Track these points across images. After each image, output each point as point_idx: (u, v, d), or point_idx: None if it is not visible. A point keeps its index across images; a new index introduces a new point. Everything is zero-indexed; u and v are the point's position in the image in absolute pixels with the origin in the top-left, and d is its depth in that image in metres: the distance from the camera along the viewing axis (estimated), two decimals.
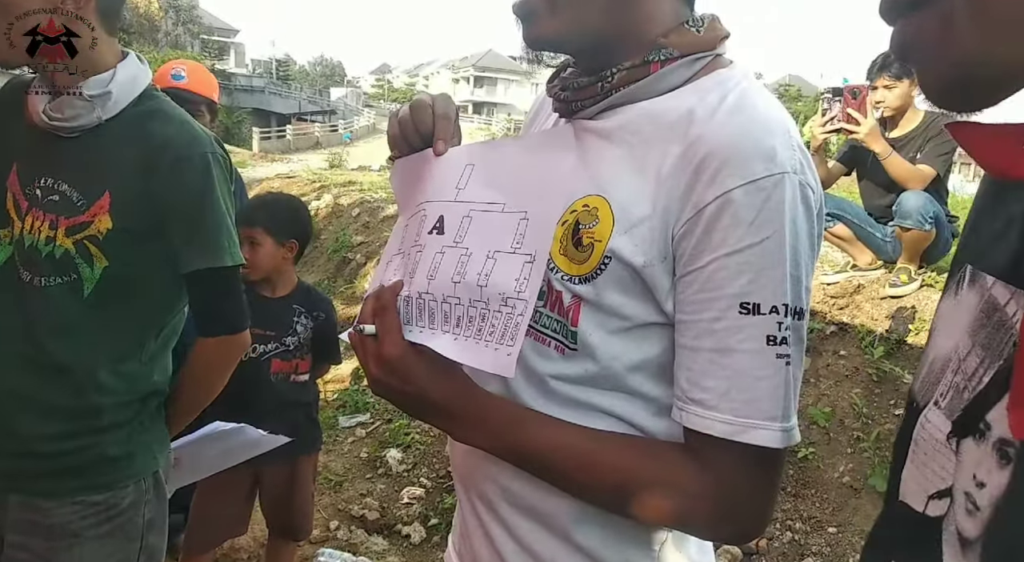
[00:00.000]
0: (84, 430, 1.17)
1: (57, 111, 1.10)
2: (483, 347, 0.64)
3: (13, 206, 1.14)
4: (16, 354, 1.14)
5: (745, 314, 0.62)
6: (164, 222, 1.15)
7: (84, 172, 1.13)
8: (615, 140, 0.70)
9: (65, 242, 1.11)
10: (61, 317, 1.14)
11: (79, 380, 1.16)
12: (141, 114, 1.15)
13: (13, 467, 1.17)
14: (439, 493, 3.11)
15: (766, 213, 0.61)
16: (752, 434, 0.62)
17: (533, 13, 0.71)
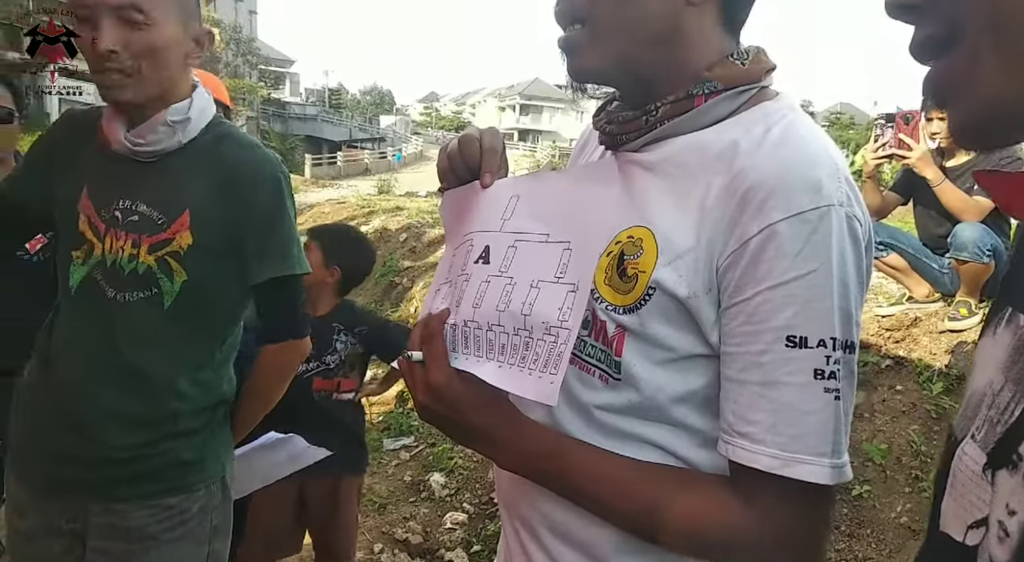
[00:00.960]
0: (163, 436, 1.23)
1: (140, 137, 1.16)
2: (526, 375, 0.64)
3: (89, 228, 1.19)
4: (100, 366, 1.19)
5: (792, 347, 0.61)
6: (239, 237, 1.22)
7: (163, 193, 1.19)
8: (660, 172, 0.71)
9: (148, 259, 1.17)
10: (143, 329, 1.19)
11: (160, 389, 1.22)
12: (214, 139, 1.23)
13: (95, 475, 1.22)
14: (482, 519, 3.10)
15: (812, 246, 0.61)
16: (799, 469, 0.61)
17: (576, 47, 0.72)
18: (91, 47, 1.06)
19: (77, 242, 1.19)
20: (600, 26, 0.70)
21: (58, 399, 1.20)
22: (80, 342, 1.20)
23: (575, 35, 0.72)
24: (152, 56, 1.09)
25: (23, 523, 1.26)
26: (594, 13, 0.70)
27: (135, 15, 1.06)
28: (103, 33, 1.05)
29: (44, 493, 1.24)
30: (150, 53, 1.09)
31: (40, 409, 1.23)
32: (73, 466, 1.21)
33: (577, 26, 0.72)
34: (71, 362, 1.21)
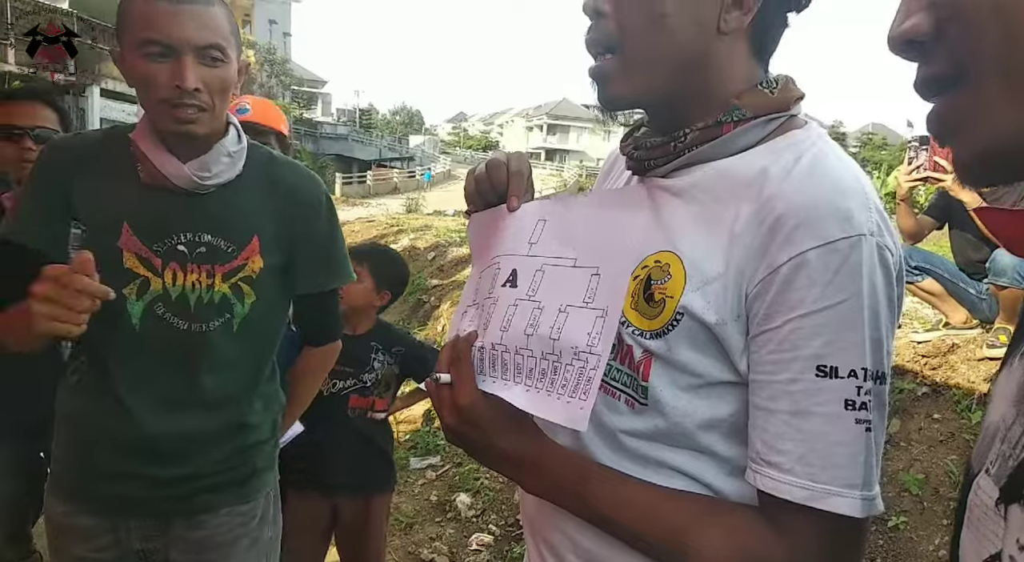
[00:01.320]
0: (241, 449, 1.29)
1: (205, 169, 1.16)
2: (555, 399, 0.64)
3: (140, 263, 1.18)
4: (180, 395, 1.22)
5: (822, 377, 0.61)
6: (297, 253, 1.28)
7: (227, 221, 1.21)
8: (687, 198, 0.72)
9: (222, 287, 1.21)
10: (219, 354, 1.23)
11: (237, 408, 1.28)
12: (260, 162, 1.26)
13: (179, 493, 1.26)
14: (508, 542, 3.08)
15: (842, 275, 0.61)
16: (830, 501, 0.61)
17: (608, 76, 0.73)
18: (170, 84, 1.07)
19: (125, 279, 1.17)
20: (631, 56, 0.71)
21: (133, 430, 1.21)
22: (154, 375, 1.21)
23: (607, 65, 0.73)
24: (225, 91, 1.13)
25: (84, 548, 1.26)
26: (625, 43, 0.71)
27: (217, 54, 1.09)
28: (189, 71, 1.06)
29: (118, 518, 1.25)
30: (224, 89, 1.13)
31: (110, 439, 1.22)
32: (157, 488, 1.24)
33: (608, 55, 0.72)
34: (146, 395, 1.21)
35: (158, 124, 1.13)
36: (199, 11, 1.08)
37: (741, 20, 0.70)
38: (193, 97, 1.08)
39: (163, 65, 1.07)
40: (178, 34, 1.06)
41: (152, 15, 1.06)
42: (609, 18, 0.71)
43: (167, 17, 1.05)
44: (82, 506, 1.26)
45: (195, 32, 1.07)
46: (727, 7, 0.69)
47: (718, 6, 0.69)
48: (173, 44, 1.06)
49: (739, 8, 0.70)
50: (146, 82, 1.08)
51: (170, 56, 1.06)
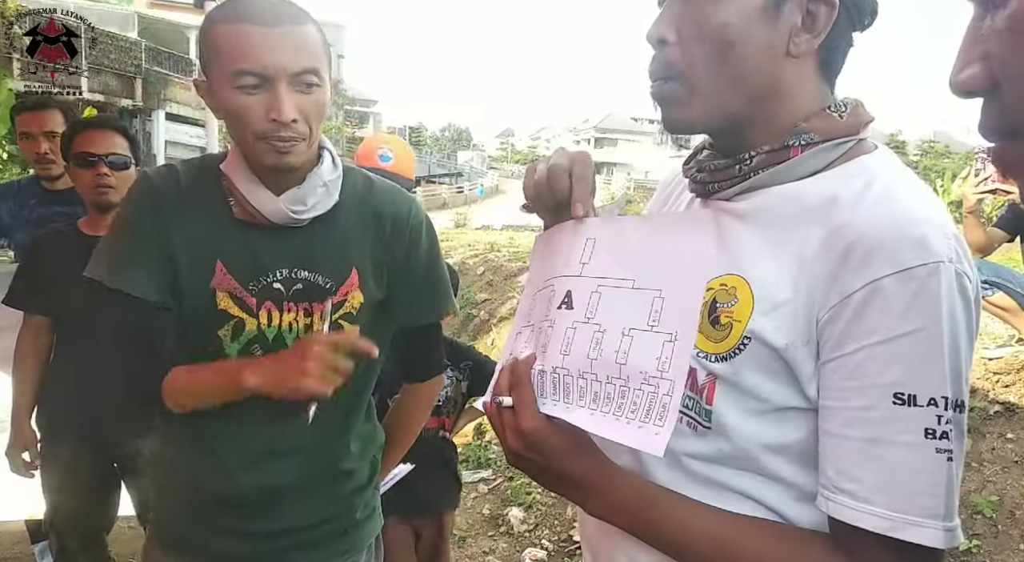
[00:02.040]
0: (338, 496, 1.21)
1: (300, 203, 1.07)
2: (625, 424, 0.63)
3: (234, 304, 1.09)
4: (271, 447, 1.14)
5: (900, 405, 0.60)
6: (399, 284, 1.19)
7: (324, 256, 1.12)
8: (753, 222, 0.71)
9: (322, 325, 1.09)
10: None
11: (330, 456, 1.19)
12: (357, 189, 1.17)
13: (272, 548, 1.18)
14: (561, 557, 3.06)
15: (920, 303, 0.60)
16: (911, 532, 0.59)
17: (673, 101, 0.72)
18: (266, 117, 0.98)
19: (219, 321, 1.09)
20: (697, 85, 0.70)
21: (223, 481, 1.14)
22: (247, 423, 1.11)
23: (671, 89, 0.72)
24: (321, 117, 1.04)
25: None
26: (691, 73, 0.70)
27: (312, 78, 0.99)
28: (286, 103, 0.96)
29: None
30: (320, 114, 1.03)
31: (199, 491, 1.17)
32: (250, 542, 1.17)
33: (672, 81, 0.72)
34: (236, 444, 1.14)
35: (252, 159, 1.04)
36: (292, 32, 0.97)
37: (811, 43, 0.69)
38: (290, 129, 0.98)
39: (256, 96, 0.97)
40: (272, 61, 0.95)
41: (243, 43, 0.95)
42: (674, 46, 0.71)
43: (259, 43, 0.95)
44: (180, 557, 1.20)
45: (289, 57, 0.96)
46: (796, 31, 0.69)
47: (787, 30, 0.69)
48: (267, 74, 0.96)
49: (809, 31, 0.69)
50: (239, 115, 0.99)
51: (264, 87, 0.97)
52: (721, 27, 0.68)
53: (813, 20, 0.69)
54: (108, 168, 1.86)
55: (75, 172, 1.91)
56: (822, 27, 0.69)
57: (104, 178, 1.86)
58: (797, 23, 0.69)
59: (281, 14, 0.98)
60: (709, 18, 0.69)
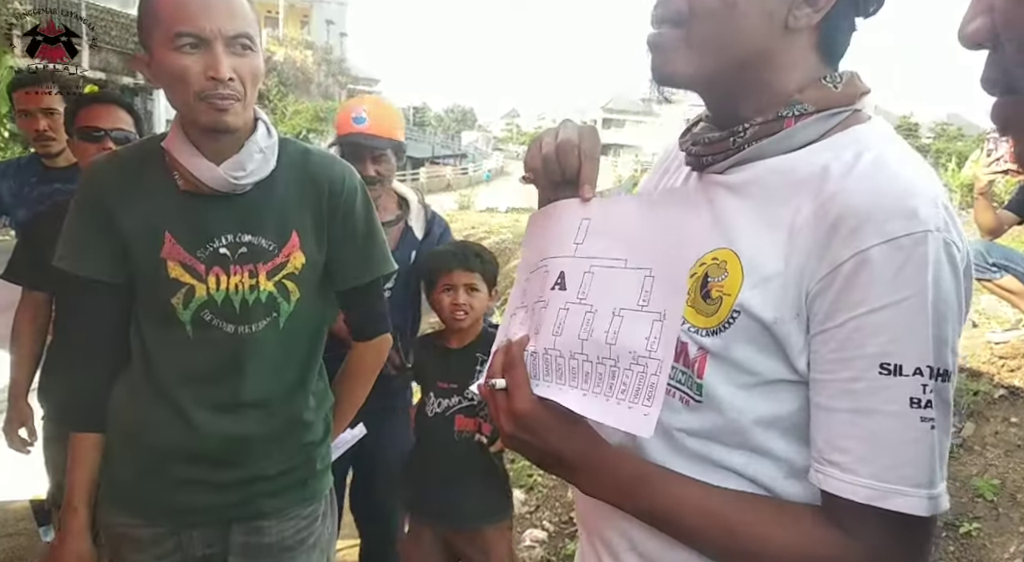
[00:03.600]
0: (299, 448, 1.29)
1: (240, 168, 1.14)
2: (615, 405, 0.64)
3: (185, 272, 1.16)
4: (234, 399, 1.21)
5: (886, 375, 0.60)
6: (338, 246, 1.27)
7: (265, 219, 1.19)
8: (745, 194, 0.71)
9: (268, 285, 1.19)
10: (268, 355, 1.22)
11: (290, 407, 1.27)
12: (294, 157, 1.24)
13: (239, 497, 1.24)
14: (561, 538, 3.08)
15: (907, 272, 0.60)
16: (896, 500, 0.60)
17: (667, 49, 0.72)
18: (204, 75, 1.06)
19: (172, 290, 1.16)
20: (696, 34, 0.70)
21: (190, 437, 1.20)
22: (208, 380, 1.21)
23: (668, 35, 0.72)
24: (255, 80, 1.12)
25: (146, 556, 1.25)
26: (692, 21, 0.70)
27: (246, 42, 1.08)
28: (223, 60, 1.05)
29: (177, 525, 1.25)
30: (255, 78, 1.11)
31: (170, 448, 1.21)
32: (217, 494, 1.23)
33: (672, 29, 0.71)
34: (202, 400, 1.20)
35: (193, 119, 1.11)
36: (227, 2, 1.07)
37: (811, 18, 0.69)
38: (227, 86, 1.07)
39: (195, 56, 1.05)
40: (208, 24, 1.04)
41: (183, 8, 1.05)
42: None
43: (197, 8, 1.05)
44: (144, 516, 1.25)
45: (224, 21, 1.06)
46: (798, 3, 0.68)
47: (789, 1, 0.68)
48: (205, 35, 1.04)
49: (811, 5, 0.69)
50: (180, 76, 1.06)
51: (201, 47, 1.05)
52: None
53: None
54: (113, 143, 1.85)
55: (79, 146, 1.89)
56: (824, 3, 0.68)
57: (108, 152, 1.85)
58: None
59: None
60: None
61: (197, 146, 1.14)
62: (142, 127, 1.99)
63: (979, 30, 0.37)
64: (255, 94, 1.14)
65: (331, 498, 1.40)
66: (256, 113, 1.19)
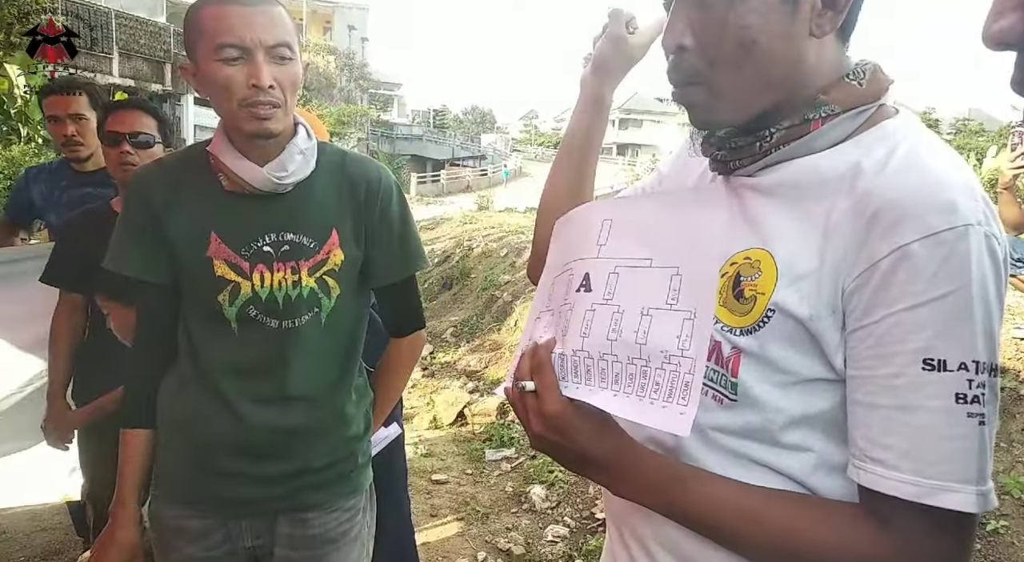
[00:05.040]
0: (342, 441, 1.33)
1: (282, 170, 1.19)
2: (648, 404, 0.63)
3: (230, 269, 1.21)
4: (275, 393, 1.25)
5: (929, 370, 0.59)
6: (374, 243, 1.30)
7: (307, 218, 1.24)
8: (776, 196, 0.71)
9: (309, 282, 1.23)
10: (311, 349, 1.26)
11: (333, 401, 1.31)
12: (334, 160, 1.29)
13: (286, 490, 1.28)
14: (583, 534, 3.10)
15: (949, 267, 0.59)
16: (943, 497, 0.59)
17: (700, 107, 0.73)
18: (247, 84, 1.11)
19: (218, 287, 1.21)
20: (724, 86, 0.70)
21: (238, 430, 1.24)
22: (254, 374, 1.25)
23: (695, 94, 0.72)
24: (295, 88, 1.17)
25: (197, 548, 1.29)
26: (715, 77, 0.70)
27: (285, 51, 1.13)
28: (263, 70, 1.10)
29: (225, 517, 1.29)
30: (294, 85, 1.16)
31: (220, 441, 1.26)
32: (265, 487, 1.27)
33: (695, 86, 0.71)
34: (249, 394, 1.25)
35: (237, 127, 1.16)
36: (267, 11, 1.12)
37: (835, 20, 0.68)
38: (268, 94, 1.12)
39: (237, 67, 1.10)
40: (250, 35, 1.09)
41: (225, 21, 1.09)
42: (693, 52, 0.70)
43: (238, 20, 1.09)
44: (194, 508, 1.29)
45: (265, 31, 1.10)
46: (818, 12, 0.68)
47: (808, 14, 0.68)
48: (246, 45, 1.09)
49: (832, 9, 0.68)
50: (224, 85, 1.11)
51: (243, 57, 1.10)
52: (742, 29, 0.67)
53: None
54: (131, 146, 1.90)
55: (104, 150, 1.96)
56: (844, 3, 0.68)
57: (127, 155, 1.90)
58: (817, 4, 0.67)
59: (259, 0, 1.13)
60: (729, 21, 0.67)
61: (241, 150, 1.19)
62: (166, 131, 2.04)
63: (1008, 28, 0.35)
64: (295, 100, 1.19)
65: (371, 493, 1.43)
66: (296, 117, 1.25)
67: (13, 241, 2.68)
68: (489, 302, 6.96)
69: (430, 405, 4.92)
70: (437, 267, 8.71)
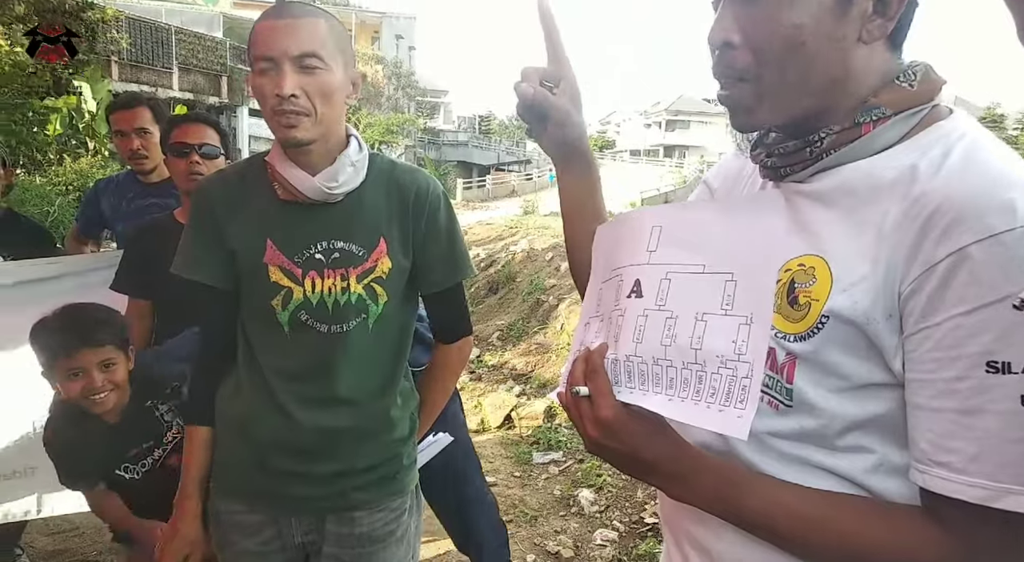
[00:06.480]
0: (387, 444, 1.36)
1: (333, 180, 1.24)
2: (705, 408, 0.63)
3: (284, 275, 1.26)
4: (323, 396, 1.30)
5: (994, 373, 0.59)
6: (422, 252, 1.34)
7: (356, 227, 1.28)
8: (829, 201, 0.70)
9: (357, 288, 1.28)
10: (358, 353, 1.30)
11: (378, 404, 1.34)
12: (383, 170, 1.33)
13: (333, 489, 1.33)
14: (632, 538, 3.08)
15: (1010, 268, 0.58)
16: (1011, 500, 0.58)
17: (744, 107, 0.73)
18: (273, 93, 1.15)
19: (272, 292, 1.26)
20: (770, 86, 0.70)
21: (287, 430, 1.29)
22: (304, 376, 1.30)
23: (741, 92, 0.72)
24: (326, 97, 1.18)
25: (251, 542, 1.35)
26: (761, 74, 0.70)
27: (312, 61, 1.15)
28: (285, 79, 1.13)
29: (277, 514, 1.34)
30: (324, 94, 1.18)
31: (266, 441, 1.31)
32: (313, 486, 1.32)
33: (741, 83, 0.71)
34: (300, 396, 1.29)
35: (274, 135, 1.21)
36: (296, 23, 1.15)
37: (885, 27, 0.68)
38: (291, 103, 1.15)
39: (268, 77, 1.15)
40: (276, 46, 1.14)
41: (259, 34, 1.16)
42: (741, 49, 0.70)
43: (268, 33, 1.15)
44: (248, 504, 1.34)
45: (291, 42, 1.14)
46: (868, 18, 0.67)
47: (859, 18, 0.67)
48: (274, 56, 1.14)
49: (882, 15, 0.67)
50: (258, 95, 1.17)
51: (273, 69, 1.15)
52: (792, 27, 0.67)
53: (885, 4, 0.67)
54: (200, 157, 1.99)
55: (171, 162, 2.04)
56: (895, 9, 0.67)
57: (196, 166, 1.99)
58: (868, 10, 0.67)
59: (292, 11, 1.17)
60: (779, 19, 0.67)
61: (294, 160, 1.24)
62: (227, 142, 2.12)
63: None
64: (330, 109, 1.20)
65: (416, 494, 1.46)
66: (348, 129, 1.29)
67: (83, 250, 2.82)
68: (535, 306, 6.98)
69: (477, 408, 4.96)
70: (483, 271, 8.77)
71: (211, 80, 17.68)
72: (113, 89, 11.41)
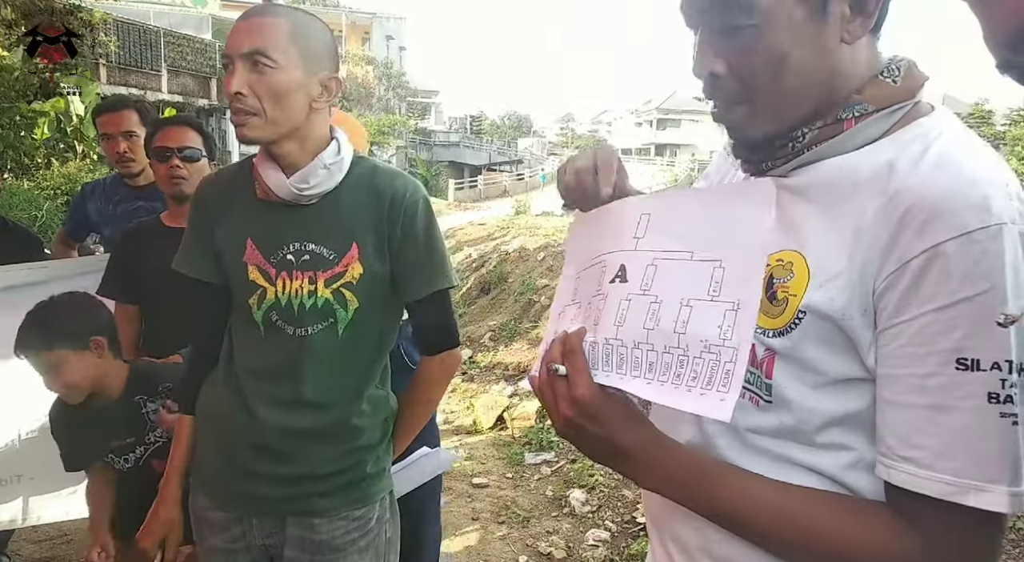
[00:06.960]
0: (351, 451, 1.34)
1: (304, 182, 1.23)
2: (685, 391, 0.63)
3: (260, 275, 1.27)
4: (288, 397, 1.29)
5: (963, 370, 0.59)
6: (398, 259, 1.30)
7: (329, 230, 1.26)
8: (808, 196, 0.70)
9: (325, 292, 1.26)
10: (323, 357, 1.28)
11: (343, 409, 1.32)
12: (364, 173, 1.30)
13: (293, 492, 1.31)
14: (624, 538, 3.08)
15: (982, 266, 0.58)
16: (976, 496, 0.59)
17: (741, 126, 0.74)
18: (226, 92, 1.16)
19: (250, 291, 1.28)
20: (763, 105, 0.71)
21: (252, 429, 1.29)
22: (268, 377, 1.30)
23: (736, 116, 0.73)
24: (277, 96, 1.15)
25: (219, 539, 1.36)
26: (753, 97, 0.71)
27: (260, 59, 1.13)
28: (231, 77, 1.14)
29: (241, 513, 1.34)
30: (274, 93, 1.15)
31: (233, 439, 1.31)
32: (274, 487, 1.31)
33: (736, 106, 0.72)
34: (264, 395, 1.29)
35: None
36: (252, 22, 1.15)
37: (866, 24, 0.68)
38: (237, 101, 1.14)
39: (228, 75, 1.16)
40: (231, 44, 1.15)
41: (229, 34, 1.18)
42: (726, 78, 0.71)
43: (232, 32, 1.16)
44: (217, 501, 1.36)
45: (242, 41, 1.14)
46: (847, 19, 0.68)
47: (839, 22, 0.68)
48: (230, 53, 1.15)
49: (861, 14, 0.68)
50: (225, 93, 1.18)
51: (230, 67, 1.16)
52: (772, 51, 0.68)
53: (862, 4, 0.68)
54: (180, 160, 1.98)
55: (154, 165, 2.04)
56: (873, 8, 0.68)
57: (177, 169, 1.98)
58: (846, 12, 0.67)
59: (260, 11, 1.17)
60: (760, 47, 0.68)
61: (275, 160, 1.25)
62: (211, 145, 2.10)
63: None
64: (282, 110, 1.17)
65: (390, 502, 1.42)
66: (333, 132, 1.29)
67: (71, 254, 2.80)
68: (527, 306, 6.98)
69: (469, 409, 4.95)
70: (475, 272, 8.77)
71: (200, 82, 17.58)
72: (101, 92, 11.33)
